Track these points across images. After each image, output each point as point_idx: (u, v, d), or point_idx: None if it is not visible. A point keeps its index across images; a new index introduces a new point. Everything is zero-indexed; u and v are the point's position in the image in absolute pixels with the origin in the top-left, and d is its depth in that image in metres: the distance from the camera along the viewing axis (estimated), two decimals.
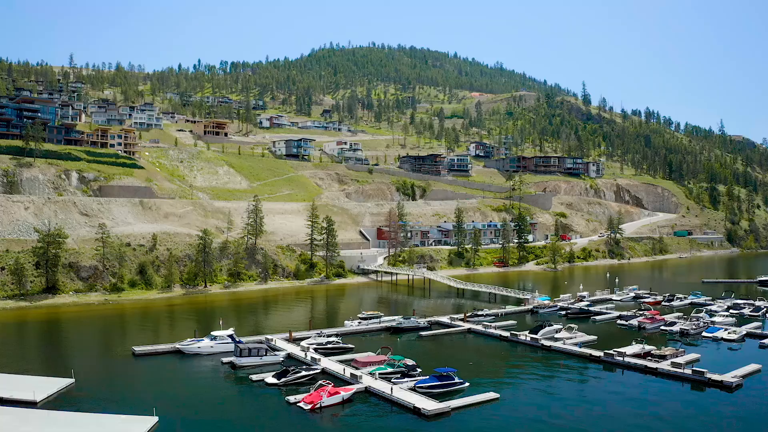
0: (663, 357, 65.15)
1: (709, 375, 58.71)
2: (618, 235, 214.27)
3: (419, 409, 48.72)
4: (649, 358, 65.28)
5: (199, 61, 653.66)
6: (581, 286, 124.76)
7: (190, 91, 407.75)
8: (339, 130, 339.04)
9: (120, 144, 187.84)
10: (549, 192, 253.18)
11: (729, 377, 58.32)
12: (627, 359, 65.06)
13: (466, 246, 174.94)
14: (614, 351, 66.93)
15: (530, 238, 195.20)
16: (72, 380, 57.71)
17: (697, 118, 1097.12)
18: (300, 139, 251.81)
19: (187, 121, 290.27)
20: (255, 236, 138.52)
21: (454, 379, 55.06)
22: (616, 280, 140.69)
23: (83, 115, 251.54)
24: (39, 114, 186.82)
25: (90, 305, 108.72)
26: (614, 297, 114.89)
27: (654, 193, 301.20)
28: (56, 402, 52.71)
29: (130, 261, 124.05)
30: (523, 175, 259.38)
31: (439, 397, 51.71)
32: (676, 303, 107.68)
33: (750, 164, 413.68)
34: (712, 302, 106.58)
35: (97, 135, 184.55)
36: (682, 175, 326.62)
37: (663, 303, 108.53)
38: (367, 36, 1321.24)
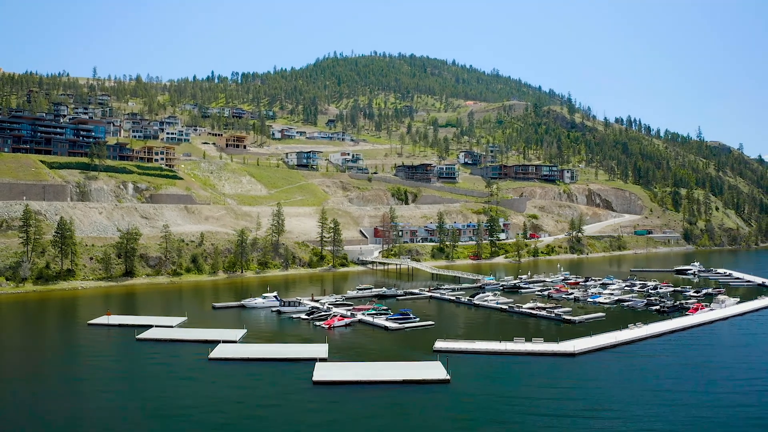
0: (545, 308, 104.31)
1: (564, 317, 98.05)
2: (579, 233, 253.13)
3: (388, 327, 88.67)
4: (537, 309, 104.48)
5: (212, 72, 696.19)
6: (529, 272, 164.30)
7: (206, 102, 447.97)
8: (342, 139, 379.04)
9: (162, 159, 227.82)
10: (524, 196, 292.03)
11: (576, 318, 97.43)
12: (522, 309, 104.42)
13: (447, 242, 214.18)
14: (516, 305, 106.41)
15: (503, 236, 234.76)
16: (185, 318, 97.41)
17: (677, 126, 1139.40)
18: (309, 151, 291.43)
19: (210, 134, 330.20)
20: (278, 234, 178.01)
21: (410, 316, 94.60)
22: (561, 268, 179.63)
23: (121, 131, 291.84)
24: (93, 133, 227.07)
25: (160, 284, 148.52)
26: (547, 279, 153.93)
27: (622, 197, 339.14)
28: (182, 326, 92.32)
29: (185, 253, 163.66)
30: (503, 182, 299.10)
31: (401, 323, 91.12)
32: (590, 283, 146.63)
33: (722, 169, 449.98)
34: (616, 282, 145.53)
35: (144, 151, 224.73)
36: (650, 180, 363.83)
37: (581, 283, 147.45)
38: (369, 44, 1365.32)
